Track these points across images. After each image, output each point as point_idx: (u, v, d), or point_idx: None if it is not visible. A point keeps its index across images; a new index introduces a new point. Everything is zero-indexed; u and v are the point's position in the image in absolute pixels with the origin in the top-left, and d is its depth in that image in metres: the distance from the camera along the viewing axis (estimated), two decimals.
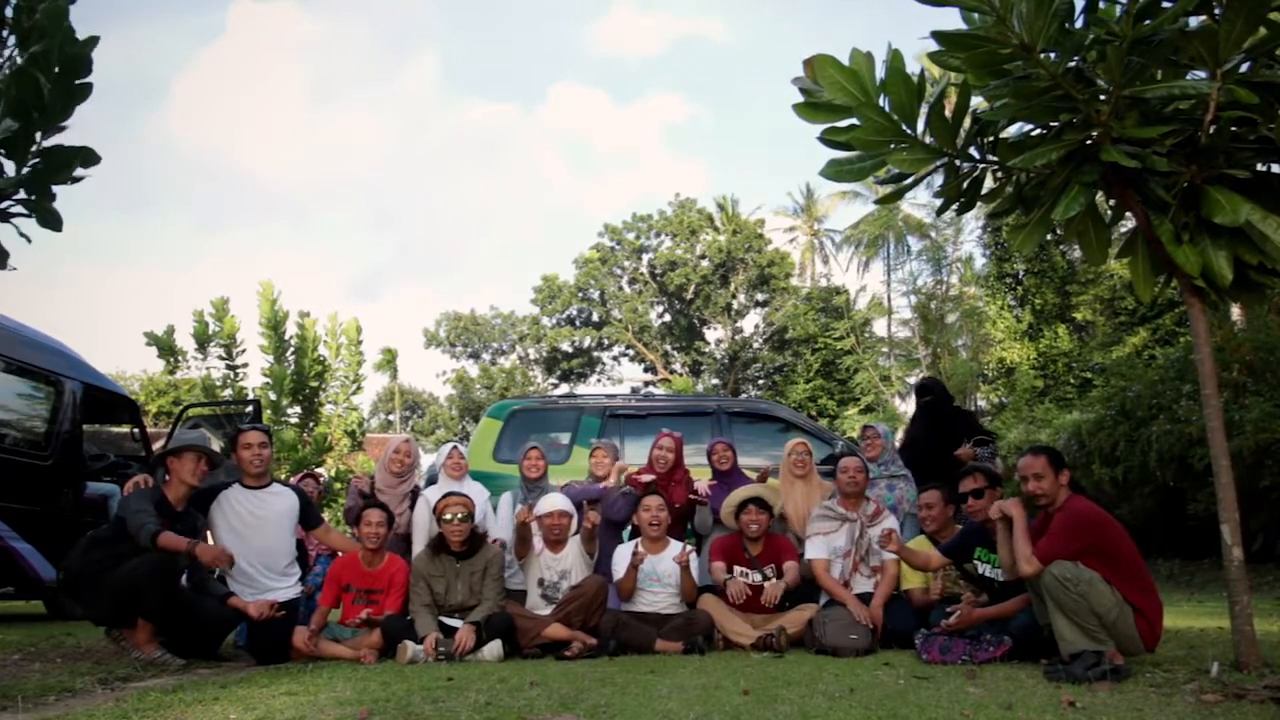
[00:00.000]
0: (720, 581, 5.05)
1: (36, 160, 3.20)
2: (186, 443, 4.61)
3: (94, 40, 3.18)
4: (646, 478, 5.48)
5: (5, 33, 3.09)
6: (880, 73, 3.41)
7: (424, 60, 65.78)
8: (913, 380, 25.78)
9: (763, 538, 5.17)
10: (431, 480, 5.92)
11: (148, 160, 62.91)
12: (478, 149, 64.34)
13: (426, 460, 6.15)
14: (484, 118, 63.09)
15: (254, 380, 16.12)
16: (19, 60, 3.11)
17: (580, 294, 32.42)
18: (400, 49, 64.87)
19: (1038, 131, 3.60)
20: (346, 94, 65.93)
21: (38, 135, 3.18)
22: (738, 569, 5.12)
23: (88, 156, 3.27)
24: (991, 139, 3.69)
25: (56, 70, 3.12)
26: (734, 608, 4.98)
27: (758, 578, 5.09)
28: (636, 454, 6.26)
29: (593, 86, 63.44)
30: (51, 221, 3.27)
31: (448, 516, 4.83)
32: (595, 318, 32.85)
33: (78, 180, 3.32)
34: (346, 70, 64.61)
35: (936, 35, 3.21)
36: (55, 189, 3.27)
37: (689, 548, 5.14)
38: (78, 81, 3.20)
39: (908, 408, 25.91)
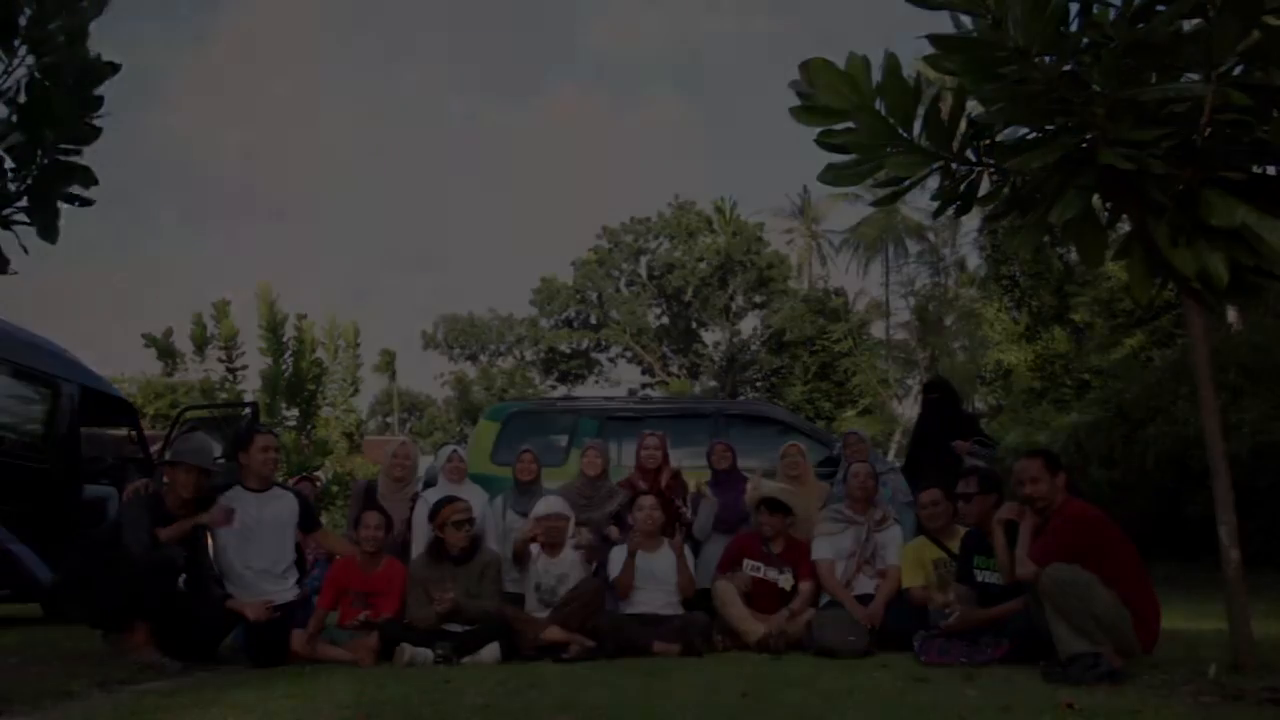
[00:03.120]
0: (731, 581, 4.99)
1: (39, 172, 3.22)
2: (182, 457, 4.55)
3: (115, 67, 3.22)
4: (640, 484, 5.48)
5: (16, 42, 3.09)
6: (877, 76, 3.42)
7: (421, 58, 65.87)
8: (911, 382, 25.81)
9: (784, 539, 5.15)
10: (430, 483, 5.91)
11: (144, 161, 62.86)
12: (475, 148, 64.48)
13: (424, 462, 6.13)
14: (482, 117, 63.23)
15: (253, 383, 16.17)
16: (34, 72, 3.13)
17: (578, 296, 32.40)
18: (397, 47, 64.98)
19: (1033, 135, 3.60)
20: (342, 92, 66.06)
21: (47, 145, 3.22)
22: (750, 562, 5.10)
23: (86, 176, 3.31)
24: (987, 142, 3.69)
25: (70, 84, 3.15)
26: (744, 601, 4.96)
27: (773, 574, 5.07)
28: (634, 457, 6.26)
29: (591, 86, 63.57)
30: (49, 233, 3.30)
31: (455, 521, 4.80)
32: (593, 320, 32.84)
33: (88, 203, 3.37)
34: (342, 69, 64.75)
35: (932, 39, 3.22)
36: (58, 205, 3.32)
37: (681, 540, 5.13)
38: (94, 94, 3.23)
39: (905, 410, 25.95)
